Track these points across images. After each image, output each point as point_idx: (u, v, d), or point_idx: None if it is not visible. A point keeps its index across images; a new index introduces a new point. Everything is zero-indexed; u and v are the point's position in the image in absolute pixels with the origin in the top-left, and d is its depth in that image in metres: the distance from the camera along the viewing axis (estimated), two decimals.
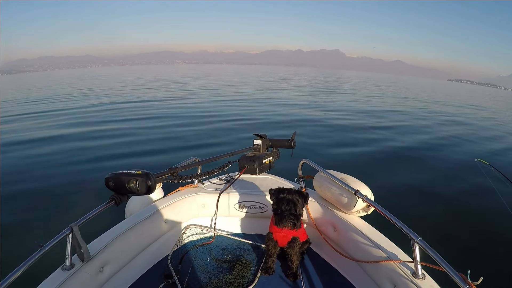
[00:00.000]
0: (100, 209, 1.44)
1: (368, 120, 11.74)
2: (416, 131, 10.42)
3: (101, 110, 12.84)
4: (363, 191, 1.78)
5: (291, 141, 2.52)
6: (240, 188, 2.28)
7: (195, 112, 12.06)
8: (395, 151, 7.64)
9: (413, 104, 19.79)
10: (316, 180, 2.14)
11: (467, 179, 5.80)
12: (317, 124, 10.48)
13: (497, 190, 4.01)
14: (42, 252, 1.22)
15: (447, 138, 9.51)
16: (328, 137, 8.73)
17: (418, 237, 1.36)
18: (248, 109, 13.31)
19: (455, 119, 14.34)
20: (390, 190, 5.00)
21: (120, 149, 7.02)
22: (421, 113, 15.28)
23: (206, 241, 2.12)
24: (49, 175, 5.44)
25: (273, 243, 1.80)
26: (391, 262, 1.47)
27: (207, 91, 21.47)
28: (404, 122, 12.14)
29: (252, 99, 17.14)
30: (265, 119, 11.01)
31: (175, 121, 10.15)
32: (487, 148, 8.67)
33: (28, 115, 12.16)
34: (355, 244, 1.73)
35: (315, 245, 2.05)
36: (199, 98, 16.91)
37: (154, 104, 14.47)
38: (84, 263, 1.41)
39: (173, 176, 1.62)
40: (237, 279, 1.74)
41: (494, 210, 4.35)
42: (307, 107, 14.70)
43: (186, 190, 2.25)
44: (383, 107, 16.44)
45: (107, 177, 1.37)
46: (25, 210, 4.19)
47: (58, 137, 8.26)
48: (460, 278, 1.15)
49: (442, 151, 7.93)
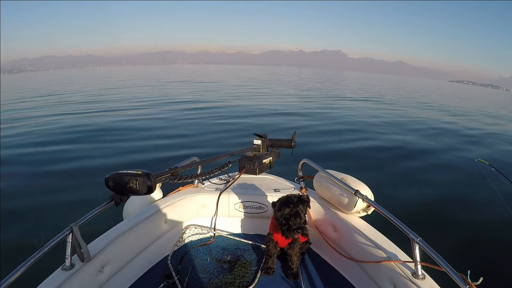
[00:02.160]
0: (100, 209, 1.44)
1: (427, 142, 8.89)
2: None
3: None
4: (363, 191, 1.78)
5: (291, 141, 2.52)
6: (240, 188, 2.28)
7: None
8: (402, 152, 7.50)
9: (453, 119, 14.44)
10: (316, 180, 2.14)
11: (467, 179, 5.80)
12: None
13: (497, 190, 4.02)
14: (42, 252, 1.21)
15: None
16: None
17: (418, 237, 1.36)
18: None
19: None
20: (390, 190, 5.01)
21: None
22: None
23: (206, 241, 2.12)
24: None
25: (273, 243, 1.81)
26: (391, 262, 1.47)
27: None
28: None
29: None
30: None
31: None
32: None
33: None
34: (355, 244, 1.73)
35: (315, 245, 2.05)
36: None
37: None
38: (84, 263, 1.41)
39: (173, 176, 1.62)
40: (237, 279, 1.74)
41: (494, 210, 4.35)
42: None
43: (186, 190, 2.25)
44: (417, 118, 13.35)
45: (107, 177, 1.37)
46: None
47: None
48: (460, 278, 1.15)
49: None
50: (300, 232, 1.60)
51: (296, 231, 1.60)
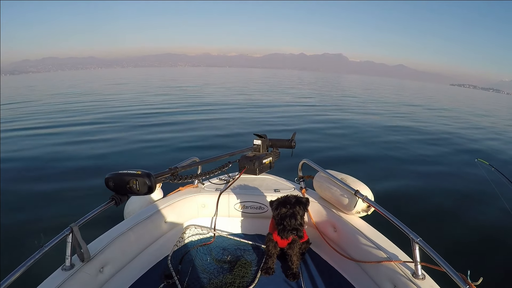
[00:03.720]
0: (100, 209, 1.43)
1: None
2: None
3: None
4: (363, 191, 1.78)
5: (291, 141, 2.52)
6: (240, 188, 2.28)
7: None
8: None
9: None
10: (316, 180, 2.14)
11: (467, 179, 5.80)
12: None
13: (497, 190, 4.01)
14: (42, 252, 1.21)
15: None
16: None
17: (418, 237, 1.36)
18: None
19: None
20: (390, 190, 5.01)
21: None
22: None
23: (206, 241, 2.12)
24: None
25: (273, 243, 1.80)
26: (391, 262, 1.47)
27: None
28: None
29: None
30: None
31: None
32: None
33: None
34: (355, 245, 1.73)
35: (315, 245, 2.05)
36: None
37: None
38: (84, 263, 1.40)
39: (173, 176, 1.62)
40: (237, 279, 1.74)
41: (494, 210, 4.35)
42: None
43: (186, 190, 2.25)
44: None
45: (107, 177, 1.37)
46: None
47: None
48: (460, 278, 1.15)
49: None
50: (295, 233, 1.60)
51: (290, 232, 1.60)
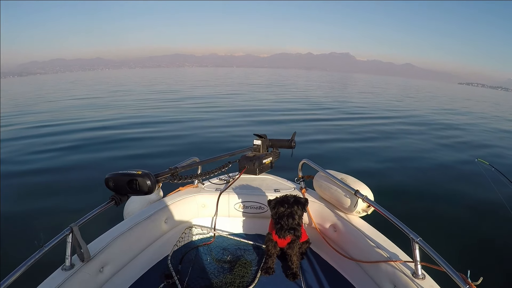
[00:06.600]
0: (100, 209, 1.44)
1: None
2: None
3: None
4: (363, 191, 1.78)
5: (291, 141, 2.52)
6: (240, 188, 2.28)
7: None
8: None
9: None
10: (316, 180, 2.14)
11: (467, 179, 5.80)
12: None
13: (497, 190, 4.01)
14: (42, 252, 1.21)
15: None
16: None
17: (418, 237, 1.36)
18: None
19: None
20: (390, 190, 5.00)
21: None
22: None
23: (206, 241, 2.12)
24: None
25: (272, 243, 1.80)
26: (391, 262, 1.47)
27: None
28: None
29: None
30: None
31: None
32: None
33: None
34: (355, 244, 1.73)
35: (315, 245, 2.05)
36: None
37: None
38: (84, 263, 1.40)
39: (173, 176, 1.62)
40: (237, 279, 1.74)
41: (494, 210, 4.34)
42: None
43: (186, 190, 2.25)
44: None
45: (107, 177, 1.37)
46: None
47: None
48: (460, 278, 1.15)
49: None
50: (292, 232, 1.60)
51: (288, 231, 1.60)
